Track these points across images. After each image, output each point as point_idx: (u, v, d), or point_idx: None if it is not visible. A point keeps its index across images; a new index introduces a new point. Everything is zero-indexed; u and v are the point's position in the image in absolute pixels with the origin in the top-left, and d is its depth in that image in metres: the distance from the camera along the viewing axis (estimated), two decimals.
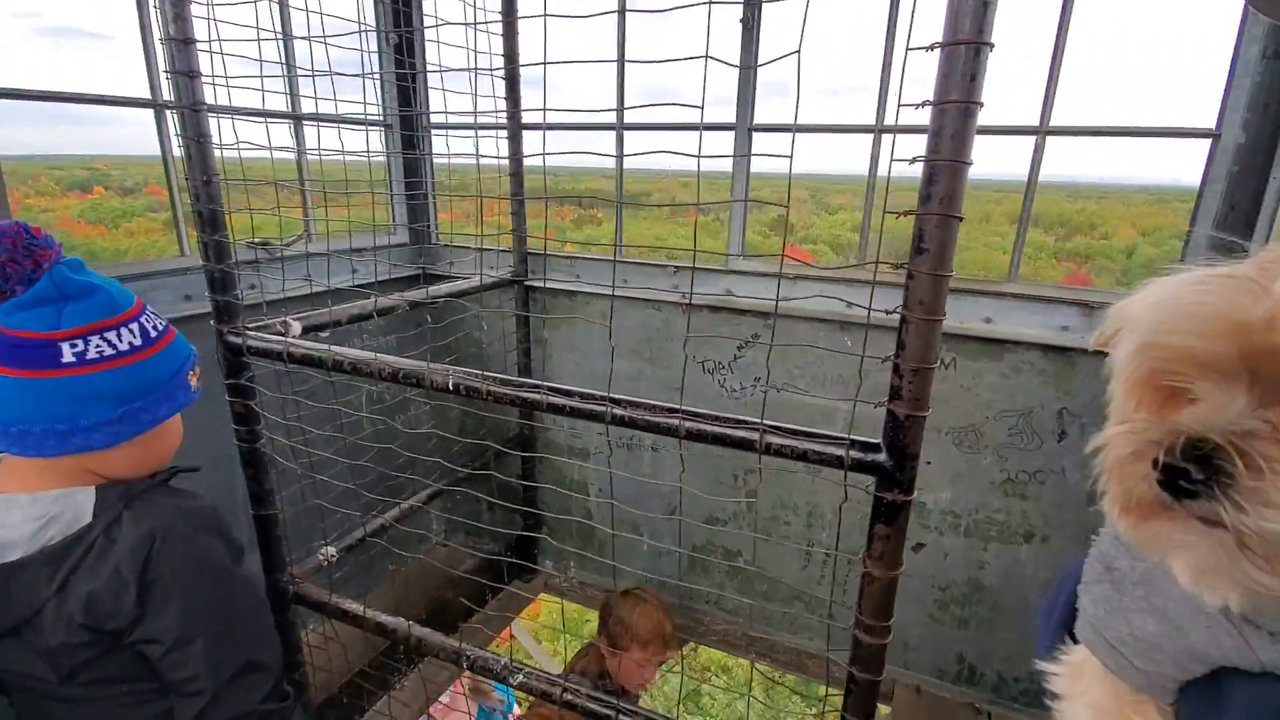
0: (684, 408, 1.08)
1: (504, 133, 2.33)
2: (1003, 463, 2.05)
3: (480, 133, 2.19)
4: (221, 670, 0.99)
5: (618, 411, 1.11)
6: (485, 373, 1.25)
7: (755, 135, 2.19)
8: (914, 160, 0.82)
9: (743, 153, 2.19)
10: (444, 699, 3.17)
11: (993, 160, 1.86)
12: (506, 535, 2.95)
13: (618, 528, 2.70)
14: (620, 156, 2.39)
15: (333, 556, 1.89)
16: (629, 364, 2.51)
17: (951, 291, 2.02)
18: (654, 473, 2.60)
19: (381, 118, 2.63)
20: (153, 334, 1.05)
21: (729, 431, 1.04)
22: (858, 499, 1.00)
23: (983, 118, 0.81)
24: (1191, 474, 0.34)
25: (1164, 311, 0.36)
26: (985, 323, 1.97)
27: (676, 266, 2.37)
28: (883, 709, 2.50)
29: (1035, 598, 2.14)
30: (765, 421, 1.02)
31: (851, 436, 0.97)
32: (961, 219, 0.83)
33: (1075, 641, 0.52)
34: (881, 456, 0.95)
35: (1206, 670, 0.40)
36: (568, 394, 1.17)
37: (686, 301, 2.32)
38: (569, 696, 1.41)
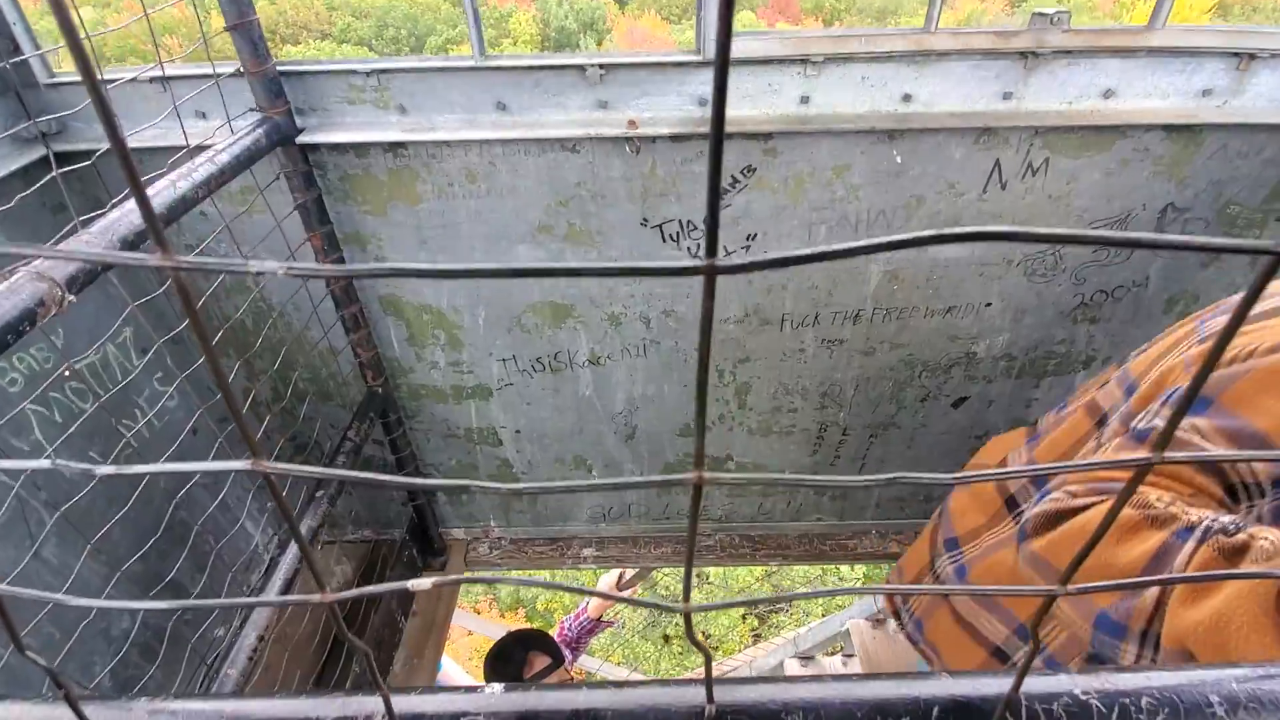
0: None
1: None
2: (1078, 286, 1.58)
3: None
4: None
5: None
6: None
7: None
8: None
9: None
10: None
11: None
12: (389, 530, 2.01)
13: (553, 468, 1.92)
14: None
15: None
16: (534, 248, 1.50)
17: (1065, 53, 1.30)
18: (597, 390, 1.78)
19: None
20: None
21: None
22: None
23: None
24: None
25: None
26: (1104, 98, 1.31)
27: (601, 65, 1.28)
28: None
29: None
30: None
31: None
32: None
33: None
34: None
35: None
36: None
37: (632, 135, 1.31)
38: None
